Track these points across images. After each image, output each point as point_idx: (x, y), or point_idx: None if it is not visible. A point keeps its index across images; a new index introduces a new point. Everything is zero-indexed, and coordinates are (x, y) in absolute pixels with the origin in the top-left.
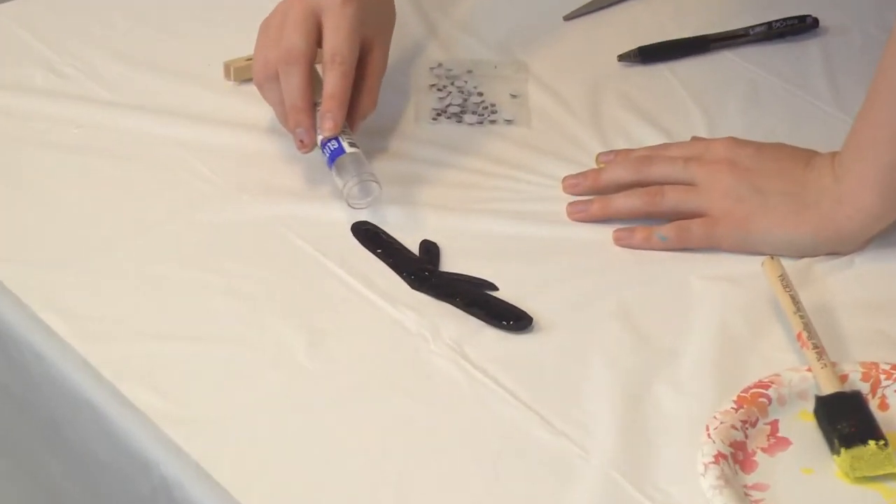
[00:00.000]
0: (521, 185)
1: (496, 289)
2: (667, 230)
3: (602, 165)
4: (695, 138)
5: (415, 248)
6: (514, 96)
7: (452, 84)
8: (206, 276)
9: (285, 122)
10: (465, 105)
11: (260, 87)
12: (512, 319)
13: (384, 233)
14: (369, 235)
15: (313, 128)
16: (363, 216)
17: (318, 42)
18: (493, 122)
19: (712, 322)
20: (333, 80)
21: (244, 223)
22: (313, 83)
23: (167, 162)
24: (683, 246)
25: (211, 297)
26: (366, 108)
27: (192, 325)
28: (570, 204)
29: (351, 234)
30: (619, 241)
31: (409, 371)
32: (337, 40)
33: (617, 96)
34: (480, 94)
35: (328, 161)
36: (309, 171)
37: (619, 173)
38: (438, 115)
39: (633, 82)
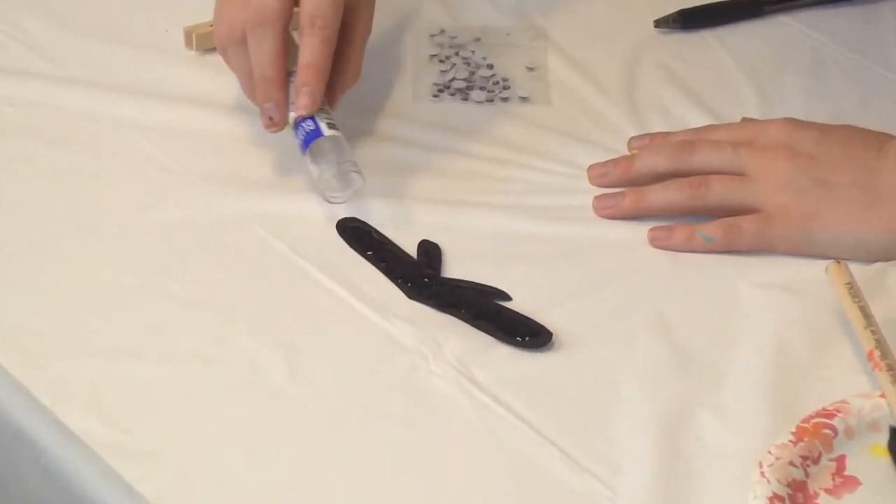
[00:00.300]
0: (539, 174)
1: (509, 298)
2: (712, 229)
3: (635, 151)
4: (746, 119)
5: (412, 250)
6: (530, 69)
7: (457, 54)
8: (164, 283)
9: (252, 94)
10: (473, 79)
11: (223, 53)
12: (528, 335)
13: (376, 231)
14: (358, 235)
15: (285, 103)
16: (348, 211)
17: (295, 1)
18: (505, 99)
19: (766, 338)
20: (312, 47)
21: (210, 221)
22: (288, 50)
23: (118, 147)
24: (732, 248)
25: (169, 307)
26: (348, 80)
27: (147, 341)
28: (598, 198)
29: (336, 233)
30: (656, 242)
31: (406, 396)
32: (319, 1)
33: (653, 69)
34: (490, 67)
35: (301, 145)
36: (287, 159)
37: (655, 161)
38: (440, 91)
39: (673, 52)
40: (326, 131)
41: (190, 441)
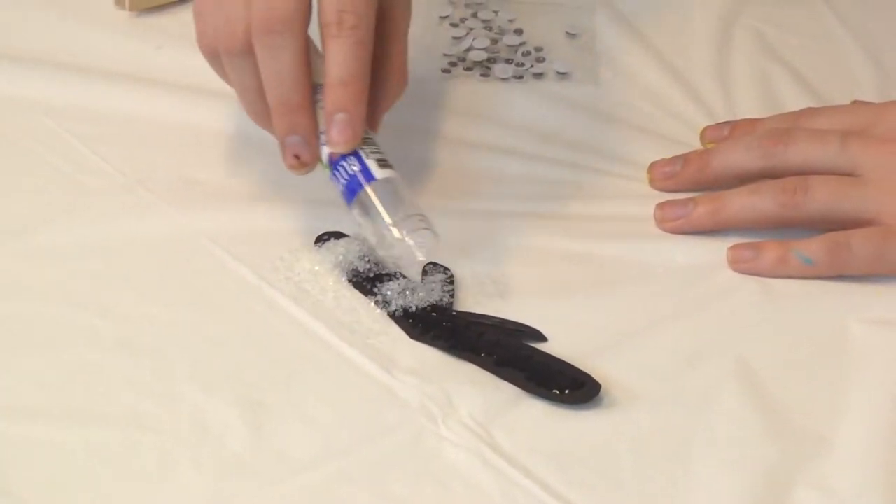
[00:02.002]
0: (583, 174)
1: (544, 339)
2: (814, 247)
3: (711, 145)
4: (858, 103)
5: (412, 274)
6: (571, 35)
7: (475, 16)
8: (84, 319)
9: (262, 120)
10: (496, 49)
11: (213, 60)
12: (568, 386)
13: (368, 250)
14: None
15: (315, 134)
16: (331, 223)
17: None
18: (538, 75)
19: (881, 392)
20: (344, 56)
21: (146, 237)
22: (310, 59)
23: (22, 138)
24: (839, 272)
25: (90, 351)
26: (393, 90)
27: (59, 396)
28: (662, 205)
29: (314, 252)
30: (739, 265)
31: (407, 468)
32: None
33: (738, 37)
34: (519, 33)
35: (344, 193)
36: (250, 155)
37: (737, 157)
38: (453, 64)
39: (766, 15)
40: (378, 172)
41: None
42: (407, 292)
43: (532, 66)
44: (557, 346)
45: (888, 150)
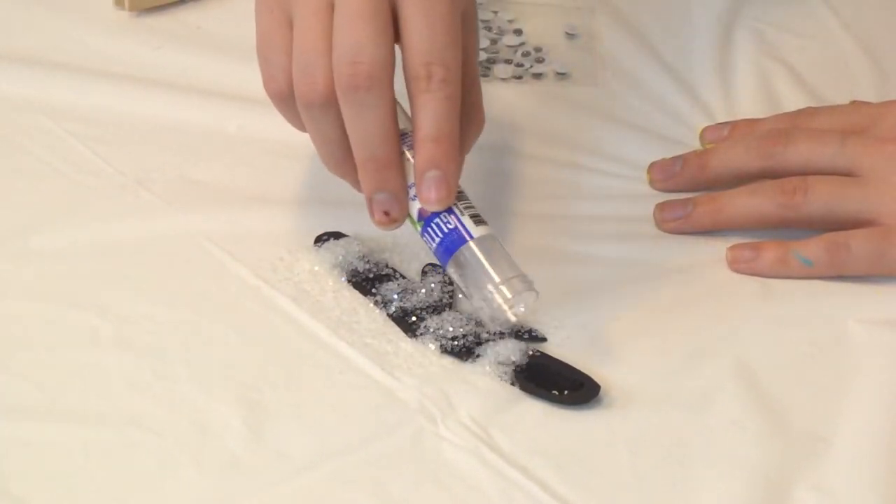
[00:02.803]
0: (582, 175)
1: (543, 339)
2: (812, 248)
3: (710, 145)
4: (857, 103)
5: (412, 275)
6: (571, 35)
7: None
8: (83, 319)
9: (342, 170)
10: (495, 49)
11: (282, 105)
12: (567, 387)
13: (367, 251)
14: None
15: (405, 190)
16: (335, 225)
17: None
18: (538, 76)
19: (881, 392)
20: (436, 112)
21: (149, 236)
22: (395, 111)
23: (29, 139)
24: (838, 272)
25: (90, 351)
26: (473, 131)
27: (65, 396)
28: (661, 205)
29: (314, 252)
30: (738, 265)
31: (407, 468)
32: (435, 38)
33: (737, 37)
34: (518, 33)
35: (439, 252)
36: (250, 155)
37: (736, 157)
38: None
39: (764, 15)
40: (475, 229)
41: None
42: (406, 293)
43: (531, 66)
44: (556, 346)
45: (888, 151)
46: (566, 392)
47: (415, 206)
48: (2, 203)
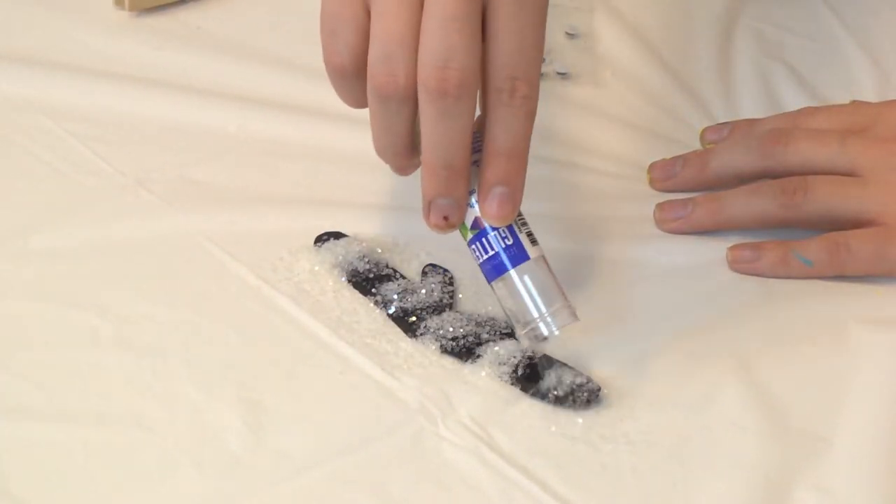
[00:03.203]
0: (582, 175)
1: (543, 338)
2: (813, 248)
3: (711, 145)
4: (857, 103)
5: (412, 275)
6: (571, 35)
7: None
8: (83, 319)
9: (396, 160)
10: None
11: (343, 81)
12: (567, 388)
13: (367, 250)
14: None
15: (467, 198)
16: (335, 225)
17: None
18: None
19: (881, 392)
20: (512, 129)
21: (149, 236)
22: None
23: (29, 139)
24: (839, 272)
25: (89, 351)
26: None
27: (65, 396)
28: (662, 206)
29: (314, 252)
30: (739, 265)
31: (407, 468)
32: (523, 51)
33: (738, 37)
34: None
35: (489, 267)
36: (250, 155)
37: (736, 157)
38: None
39: (764, 15)
40: (531, 249)
41: None
42: (406, 293)
43: None
44: (556, 346)
45: (888, 150)
46: (566, 393)
47: (471, 215)
48: (2, 203)
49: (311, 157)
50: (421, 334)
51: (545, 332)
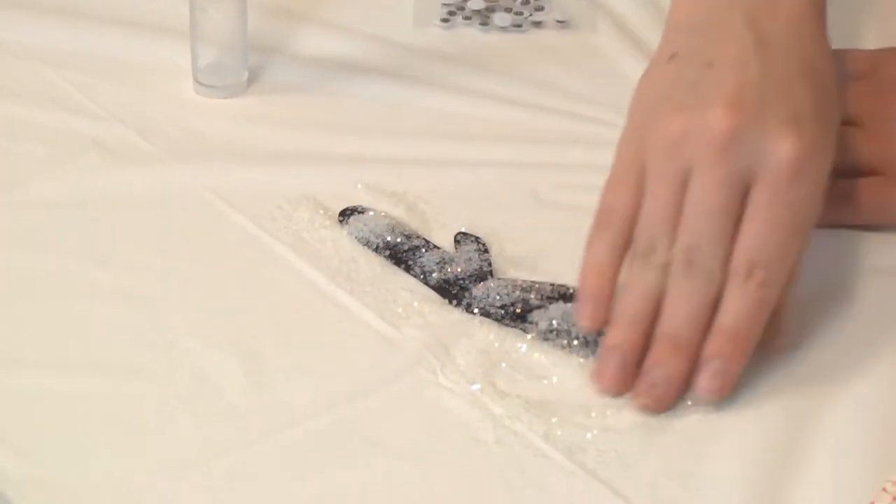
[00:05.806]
0: (582, 124)
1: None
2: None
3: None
4: (854, 50)
5: (442, 243)
6: None
7: None
8: (82, 270)
9: (629, 328)
10: None
11: (628, 172)
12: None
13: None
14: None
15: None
16: (334, 176)
17: None
18: (538, 24)
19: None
20: (742, 312)
21: (144, 186)
22: None
23: (27, 88)
24: (841, 222)
25: (89, 302)
26: (768, 335)
27: (62, 347)
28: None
29: (339, 228)
30: None
31: (406, 416)
32: (768, 241)
33: None
34: None
35: None
36: (251, 107)
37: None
38: (452, 13)
39: None
40: None
41: (119, 475)
42: (444, 263)
43: (531, 14)
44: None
45: (889, 100)
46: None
47: None
48: (1, 153)
49: (312, 108)
50: (467, 303)
51: None
